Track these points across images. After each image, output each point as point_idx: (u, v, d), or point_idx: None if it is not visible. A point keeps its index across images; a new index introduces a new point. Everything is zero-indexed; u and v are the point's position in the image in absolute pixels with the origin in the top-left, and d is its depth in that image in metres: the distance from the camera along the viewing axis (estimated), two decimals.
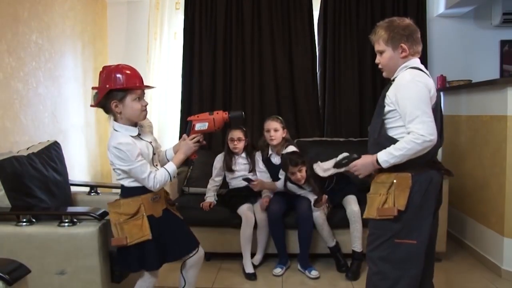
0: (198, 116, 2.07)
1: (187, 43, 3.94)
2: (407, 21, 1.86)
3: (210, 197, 3.24)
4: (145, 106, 1.96)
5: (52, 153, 2.61)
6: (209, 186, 3.31)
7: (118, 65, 1.95)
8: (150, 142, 2.03)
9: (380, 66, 1.92)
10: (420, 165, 1.77)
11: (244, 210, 3.05)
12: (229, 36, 3.92)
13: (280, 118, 3.30)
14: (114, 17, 4.14)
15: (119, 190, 2.83)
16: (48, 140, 2.77)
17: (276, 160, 3.23)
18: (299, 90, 3.93)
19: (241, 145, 3.28)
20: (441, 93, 3.84)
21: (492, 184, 3.00)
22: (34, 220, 2.09)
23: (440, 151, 3.87)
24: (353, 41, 3.88)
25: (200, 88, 3.97)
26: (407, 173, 1.76)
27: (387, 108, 1.80)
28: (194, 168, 3.62)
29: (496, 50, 4.02)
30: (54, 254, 2.01)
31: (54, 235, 2.02)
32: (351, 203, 2.99)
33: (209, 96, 3.93)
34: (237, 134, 3.28)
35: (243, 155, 3.33)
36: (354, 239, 2.96)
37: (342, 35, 3.89)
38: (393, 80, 1.83)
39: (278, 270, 3.01)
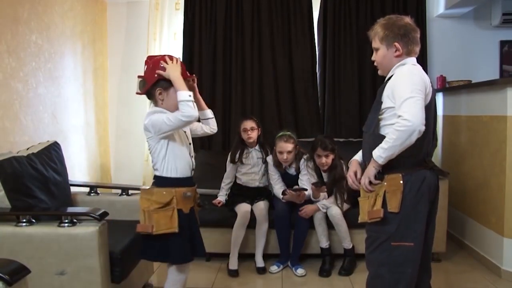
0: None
1: (187, 43, 3.94)
2: (406, 20, 1.82)
3: (222, 196, 3.25)
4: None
5: (52, 154, 2.61)
6: (222, 184, 3.30)
7: (165, 55, 2.03)
8: (185, 132, 2.12)
9: (375, 63, 1.90)
10: (410, 164, 1.72)
11: (242, 209, 3.05)
12: (229, 37, 3.92)
13: (293, 136, 3.10)
14: (114, 17, 4.14)
15: (119, 191, 2.86)
16: (48, 141, 2.76)
17: (292, 171, 3.18)
18: (299, 91, 3.93)
19: (254, 134, 3.20)
20: (441, 94, 3.84)
21: (492, 184, 3.00)
22: (34, 220, 2.08)
23: (439, 151, 3.87)
24: (353, 41, 3.88)
25: (200, 88, 3.90)
26: (397, 174, 1.72)
27: (383, 105, 1.76)
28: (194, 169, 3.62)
29: (495, 51, 4.02)
30: (54, 254, 2.01)
31: (54, 235, 2.02)
32: (330, 207, 3.01)
33: (209, 96, 3.93)
34: (249, 123, 3.20)
35: (257, 147, 3.27)
36: (342, 239, 3.02)
37: (342, 35, 3.89)
38: (389, 78, 1.79)
39: (274, 268, 3.04)
